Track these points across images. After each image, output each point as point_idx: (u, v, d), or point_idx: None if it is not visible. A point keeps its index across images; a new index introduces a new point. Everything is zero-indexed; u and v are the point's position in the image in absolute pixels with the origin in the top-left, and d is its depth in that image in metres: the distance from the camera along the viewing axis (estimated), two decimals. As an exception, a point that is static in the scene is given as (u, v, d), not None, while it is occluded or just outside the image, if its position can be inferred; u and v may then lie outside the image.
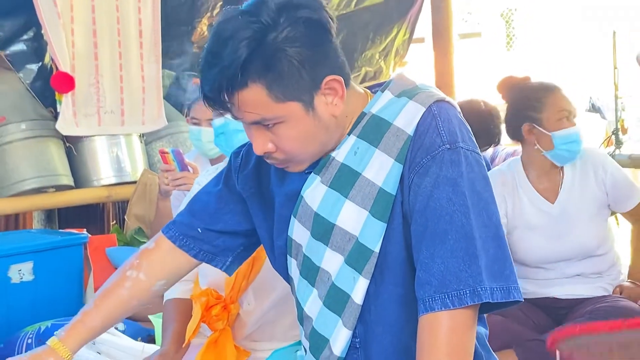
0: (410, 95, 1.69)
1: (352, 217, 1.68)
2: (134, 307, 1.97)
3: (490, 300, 1.57)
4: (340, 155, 1.71)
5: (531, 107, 3.40)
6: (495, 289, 1.58)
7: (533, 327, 3.39)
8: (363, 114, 1.71)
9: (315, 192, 1.73)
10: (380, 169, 1.67)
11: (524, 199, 3.46)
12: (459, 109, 1.71)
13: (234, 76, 1.58)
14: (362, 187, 1.68)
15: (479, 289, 1.56)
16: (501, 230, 1.64)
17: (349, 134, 1.71)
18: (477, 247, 1.58)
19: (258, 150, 1.67)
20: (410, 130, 1.65)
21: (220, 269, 1.98)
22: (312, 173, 1.74)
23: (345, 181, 1.70)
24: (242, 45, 1.57)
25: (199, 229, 1.94)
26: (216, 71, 1.59)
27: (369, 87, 1.79)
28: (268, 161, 1.72)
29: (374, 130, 1.69)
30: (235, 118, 1.68)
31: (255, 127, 1.66)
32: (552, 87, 3.44)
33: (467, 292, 1.56)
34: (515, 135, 3.45)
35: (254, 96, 1.60)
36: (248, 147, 1.91)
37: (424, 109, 1.66)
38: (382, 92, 1.73)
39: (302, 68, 1.59)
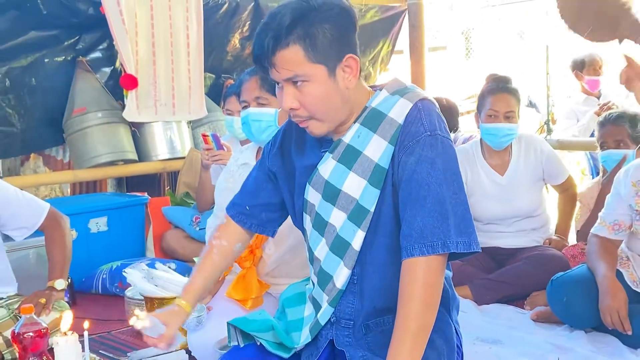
0: (402, 94, 1.70)
1: (354, 185, 1.70)
2: (223, 266, 2.00)
3: (456, 251, 1.60)
4: (347, 138, 1.72)
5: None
6: (459, 242, 1.61)
7: (482, 269, 3.41)
8: (366, 107, 1.72)
9: (327, 166, 1.74)
10: (377, 149, 1.68)
11: (480, 171, 3.48)
12: (437, 106, 1.72)
13: (279, 37, 1.61)
14: (362, 162, 1.69)
15: (448, 242, 1.59)
16: (466, 197, 1.66)
17: (354, 122, 1.72)
18: (448, 210, 1.61)
19: (287, 104, 1.68)
20: (400, 120, 1.67)
21: (271, 236, 2.02)
22: (327, 152, 1.75)
23: (350, 157, 1.71)
24: (288, 14, 1.62)
25: (247, 207, 1.96)
26: (266, 34, 1.63)
27: (370, 86, 1.80)
28: (294, 119, 1.73)
29: (373, 120, 1.70)
30: (272, 80, 1.70)
31: (286, 85, 1.67)
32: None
33: (439, 243, 1.59)
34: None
35: (292, 55, 1.63)
36: (275, 136, 1.94)
37: (412, 104, 1.67)
38: (381, 90, 1.74)
39: (332, 41, 1.63)
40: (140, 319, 1.78)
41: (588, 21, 2.11)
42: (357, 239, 1.70)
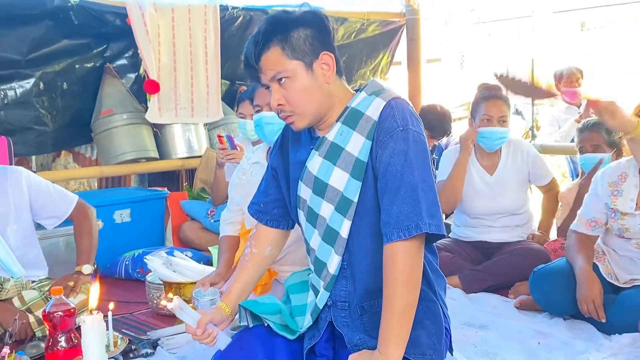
0: (377, 94, 1.72)
1: (339, 178, 1.71)
2: (258, 271, 2.00)
3: (428, 231, 1.61)
4: (330, 136, 1.74)
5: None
6: (432, 224, 1.62)
7: (470, 261, 3.41)
8: (347, 108, 1.74)
9: (314, 162, 1.75)
10: (357, 145, 1.69)
11: (472, 170, 3.47)
12: (410, 104, 1.74)
13: (260, 42, 1.68)
14: (345, 158, 1.70)
15: (421, 224, 1.60)
16: (435, 185, 1.68)
17: (336, 121, 1.73)
18: (420, 196, 1.62)
19: (274, 101, 1.72)
20: (376, 117, 1.68)
21: (286, 229, 2.01)
22: (313, 150, 1.76)
23: (334, 154, 1.72)
24: (265, 23, 1.69)
25: (261, 204, 1.98)
26: (250, 43, 1.70)
27: (355, 89, 1.81)
28: (281, 116, 1.75)
29: (352, 118, 1.71)
30: (262, 84, 1.74)
31: (273, 84, 1.70)
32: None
33: (413, 226, 1.60)
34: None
35: (273, 56, 1.67)
36: (278, 137, 1.95)
37: (385, 103, 1.69)
38: (360, 92, 1.76)
39: (306, 39, 1.68)
40: (173, 302, 1.77)
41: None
42: (344, 228, 1.71)
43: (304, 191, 1.79)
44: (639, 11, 9.60)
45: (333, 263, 1.75)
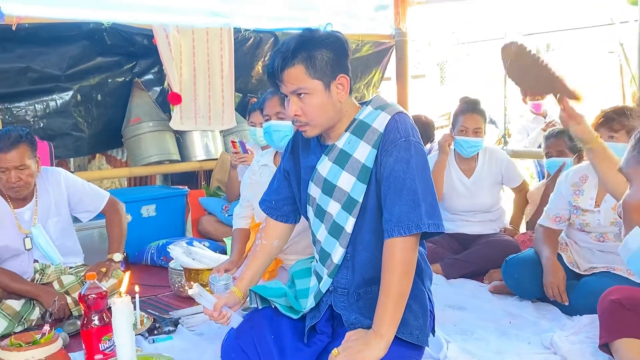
0: (383, 108, 1.71)
1: (346, 181, 1.70)
2: (267, 260, 1.98)
3: (427, 231, 1.60)
4: (340, 143, 1.73)
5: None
6: (430, 224, 1.61)
7: (450, 250, 3.40)
8: (354, 120, 1.72)
9: (324, 166, 1.74)
10: (363, 152, 1.68)
11: (452, 173, 3.46)
12: (411, 117, 1.73)
13: (287, 58, 1.63)
14: (352, 163, 1.69)
15: (420, 224, 1.60)
16: (434, 189, 1.67)
17: (345, 131, 1.71)
18: (420, 199, 1.61)
19: (292, 112, 1.69)
20: (381, 129, 1.67)
21: (294, 223, 1.99)
22: (323, 155, 1.74)
23: (343, 159, 1.71)
24: (294, 41, 1.64)
25: (273, 201, 1.96)
26: (276, 57, 1.65)
27: (360, 102, 1.80)
28: (295, 125, 1.73)
29: (360, 129, 1.70)
30: (281, 93, 1.70)
31: (292, 96, 1.68)
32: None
33: (413, 225, 1.59)
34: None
35: (296, 72, 1.63)
36: (288, 143, 1.94)
37: (390, 117, 1.67)
38: (367, 106, 1.74)
39: (328, 62, 1.64)
40: (193, 289, 1.76)
41: (529, 82, 2.17)
42: (349, 224, 1.70)
43: (314, 190, 1.78)
44: (590, 35, 9.61)
45: (337, 254, 1.74)
